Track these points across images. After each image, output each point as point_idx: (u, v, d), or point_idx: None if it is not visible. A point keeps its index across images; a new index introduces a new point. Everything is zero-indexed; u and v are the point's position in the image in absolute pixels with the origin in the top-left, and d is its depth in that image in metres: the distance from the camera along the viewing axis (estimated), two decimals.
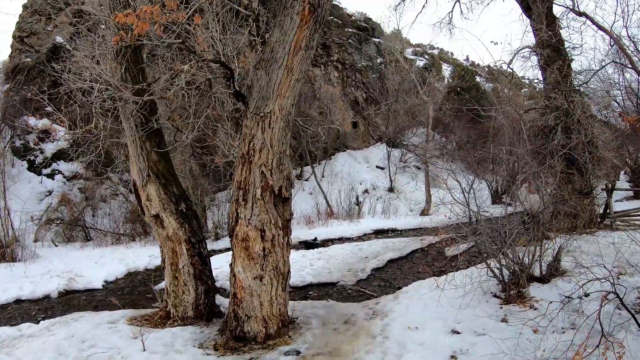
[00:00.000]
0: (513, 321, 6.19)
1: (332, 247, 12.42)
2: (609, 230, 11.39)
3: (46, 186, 16.21)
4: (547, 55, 12.41)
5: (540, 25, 12.15)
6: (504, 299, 6.99)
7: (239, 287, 5.71)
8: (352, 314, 6.92)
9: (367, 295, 8.46)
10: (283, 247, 5.70)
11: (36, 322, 7.52)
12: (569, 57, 12.77)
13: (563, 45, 12.68)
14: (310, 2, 4.89)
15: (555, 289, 6.94)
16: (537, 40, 12.76)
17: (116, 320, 7.07)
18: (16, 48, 18.34)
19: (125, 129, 6.62)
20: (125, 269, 11.14)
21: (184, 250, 6.70)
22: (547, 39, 12.09)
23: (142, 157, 6.62)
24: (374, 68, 27.47)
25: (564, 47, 12.68)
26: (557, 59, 12.30)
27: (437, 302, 6.77)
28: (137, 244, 14.02)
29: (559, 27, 12.77)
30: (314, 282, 9.23)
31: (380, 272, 10.04)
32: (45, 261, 11.62)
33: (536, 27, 12.49)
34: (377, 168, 24.42)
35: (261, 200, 5.42)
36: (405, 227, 15.87)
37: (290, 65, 5.14)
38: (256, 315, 5.72)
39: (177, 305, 6.89)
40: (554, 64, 12.23)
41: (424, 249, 12.07)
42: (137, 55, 6.58)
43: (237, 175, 5.55)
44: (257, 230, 5.48)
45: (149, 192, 6.68)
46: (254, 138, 5.32)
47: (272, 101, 5.20)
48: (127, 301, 8.91)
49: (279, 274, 5.71)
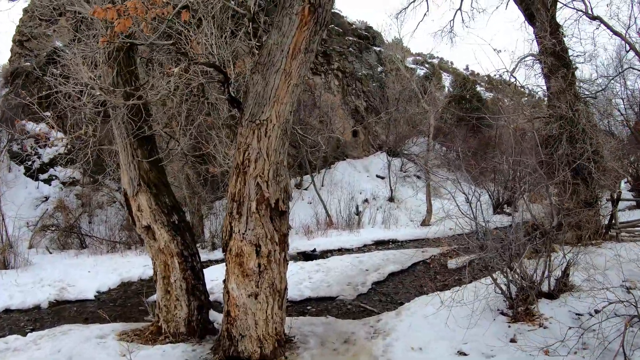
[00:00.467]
0: (523, 341, 5.91)
1: (331, 259, 12.10)
2: (615, 241, 11.11)
3: (43, 192, 16.06)
4: (550, 63, 12.19)
5: (544, 34, 11.93)
6: (512, 317, 6.70)
7: (232, 304, 5.36)
8: (352, 333, 6.60)
9: (367, 311, 8.14)
10: (280, 263, 5.35)
11: (24, 334, 7.22)
12: (573, 65, 12.56)
13: (567, 53, 12.47)
14: (310, 1, 4.56)
15: (564, 306, 6.65)
16: (541, 48, 12.55)
17: (105, 335, 6.76)
18: (16, 52, 18.29)
19: (116, 135, 6.33)
20: (118, 279, 10.82)
21: (176, 264, 6.38)
22: (551, 47, 11.87)
23: (133, 165, 6.31)
24: (375, 77, 27.29)
25: (567, 55, 12.46)
26: (561, 67, 12.07)
27: (441, 320, 6.47)
28: (132, 253, 13.72)
29: (562, 34, 12.57)
30: (313, 297, 8.91)
31: (381, 285, 9.71)
32: (38, 269, 11.33)
33: (540, 35, 12.28)
34: (377, 177, 24.15)
35: (256, 213, 5.09)
36: (406, 237, 15.56)
37: (289, 69, 4.81)
38: (251, 334, 5.37)
39: (169, 321, 6.57)
40: (558, 72, 12.01)
41: (426, 261, 11.76)
42: (130, 58, 6.29)
43: (231, 186, 5.21)
44: (252, 245, 5.15)
45: (140, 202, 6.36)
46: (249, 147, 4.99)
47: (269, 108, 4.87)
48: (119, 313, 8.62)
49: (275, 291, 5.36)
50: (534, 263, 7.05)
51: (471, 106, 29.48)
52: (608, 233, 12.01)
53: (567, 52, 12.46)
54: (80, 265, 12.01)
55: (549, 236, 6.98)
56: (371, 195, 22.00)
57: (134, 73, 6.19)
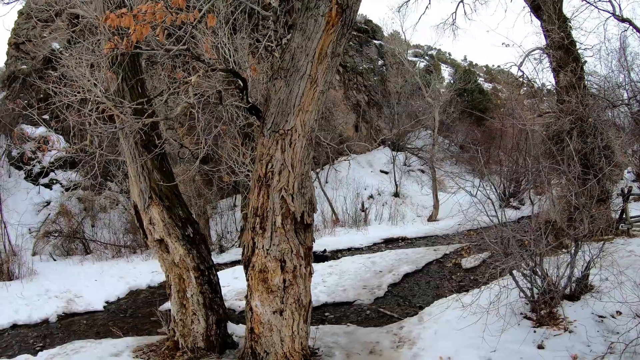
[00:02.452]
0: (551, 347, 5.72)
1: (343, 260, 11.88)
2: (626, 236, 10.93)
3: (44, 197, 15.79)
4: (559, 57, 11.94)
5: (552, 27, 11.67)
6: (536, 320, 6.50)
7: (256, 321, 5.11)
8: (377, 342, 6.38)
9: (387, 316, 7.93)
10: (305, 277, 5.08)
11: (34, 352, 6.96)
12: (582, 59, 12.31)
13: (575, 47, 12.21)
14: (338, 2, 4.23)
15: (587, 308, 6.46)
16: (549, 42, 12.29)
17: (120, 353, 6.52)
18: (12, 55, 17.97)
19: (124, 147, 6.02)
20: (126, 287, 10.59)
21: (193, 279, 6.10)
22: (560, 40, 11.61)
23: (143, 176, 6.00)
24: (375, 71, 26.98)
25: (576, 49, 12.21)
26: (570, 61, 11.83)
27: (465, 326, 6.26)
28: (138, 257, 13.48)
29: (570, 28, 12.31)
30: (329, 302, 8.69)
31: (397, 288, 9.51)
32: (43, 279, 11.08)
33: (547, 28, 12.00)
34: (381, 172, 23.91)
35: (282, 228, 4.81)
36: (416, 235, 15.36)
37: (315, 75, 4.48)
38: (276, 351, 5.12)
39: (186, 336, 6.32)
40: (567, 66, 11.77)
41: (439, 260, 11.55)
42: (135, 63, 5.98)
43: (253, 200, 4.92)
44: (276, 261, 4.88)
45: (152, 215, 6.06)
46: (272, 159, 4.69)
47: (294, 117, 4.56)
48: (131, 325, 8.39)
49: (300, 306, 5.10)
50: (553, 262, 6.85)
51: (473, 98, 29.23)
52: (619, 228, 11.85)
53: (575, 46, 12.22)
54: (86, 273, 11.79)
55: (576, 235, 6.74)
56: (376, 191, 21.79)
57: (141, 80, 5.87)
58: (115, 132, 6.10)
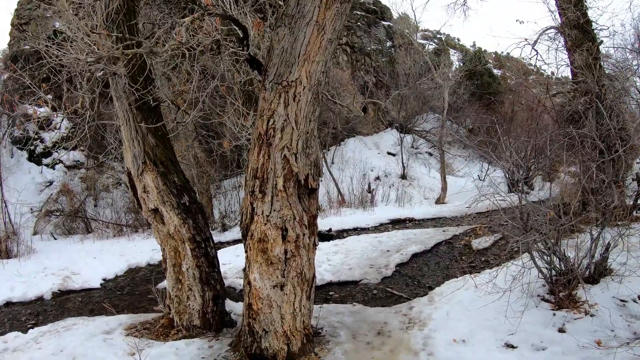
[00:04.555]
0: (573, 331, 5.30)
1: (348, 239, 11.47)
2: None
3: (47, 176, 15.63)
4: (575, 36, 11.39)
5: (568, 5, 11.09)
6: (555, 303, 6.09)
7: (254, 296, 4.68)
8: (385, 323, 5.96)
9: (395, 296, 7.51)
10: (309, 248, 4.62)
11: (25, 330, 6.63)
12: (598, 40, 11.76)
13: (590, 26, 11.65)
14: None
15: (607, 291, 6.05)
16: (564, 20, 11.72)
17: (112, 330, 6.16)
18: (15, 36, 17.86)
19: (118, 108, 5.58)
20: (125, 264, 10.27)
21: (188, 251, 5.70)
22: (575, 19, 11.05)
23: (137, 141, 5.56)
24: (384, 52, 26.39)
25: (591, 28, 11.64)
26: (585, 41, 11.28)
27: (479, 307, 5.89)
28: (139, 236, 13.24)
29: (586, 7, 11.74)
30: (334, 281, 8.27)
31: (405, 267, 9.08)
32: (42, 257, 10.83)
33: (563, 7, 11.43)
34: (388, 154, 23.47)
35: (283, 192, 4.34)
36: (424, 216, 14.87)
37: (322, 21, 3.99)
38: (276, 329, 4.70)
39: (182, 313, 5.94)
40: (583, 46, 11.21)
41: (448, 241, 11.10)
42: (131, 14, 5.47)
43: (252, 160, 4.46)
44: (277, 229, 4.42)
45: (146, 182, 5.63)
46: (274, 114, 4.21)
47: (298, 67, 4.07)
48: (127, 303, 8.05)
49: (303, 280, 4.66)
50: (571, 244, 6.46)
51: (483, 81, 28.66)
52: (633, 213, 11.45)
53: (591, 25, 11.67)
54: (86, 251, 11.53)
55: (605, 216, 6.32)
56: (383, 172, 21.40)
57: (134, 25, 5.36)
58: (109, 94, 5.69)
